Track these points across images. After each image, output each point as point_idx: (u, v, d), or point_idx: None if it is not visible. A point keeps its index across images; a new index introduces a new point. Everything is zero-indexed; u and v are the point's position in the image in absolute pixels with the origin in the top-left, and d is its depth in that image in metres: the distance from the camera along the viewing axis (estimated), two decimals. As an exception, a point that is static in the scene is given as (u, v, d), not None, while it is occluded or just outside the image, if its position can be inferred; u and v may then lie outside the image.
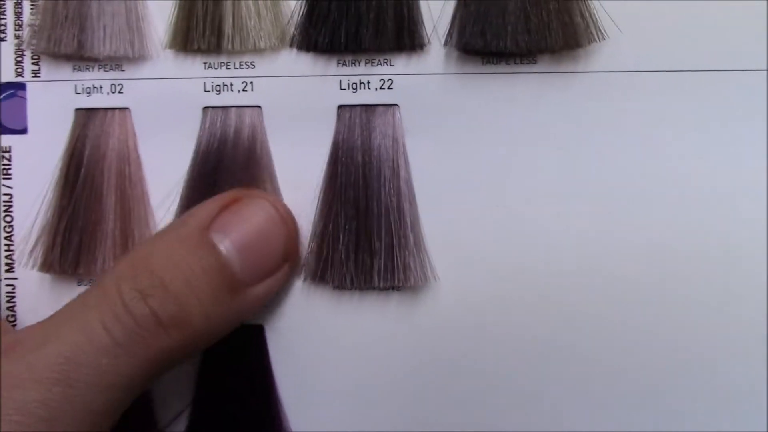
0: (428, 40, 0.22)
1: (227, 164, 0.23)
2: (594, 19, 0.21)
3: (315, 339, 0.23)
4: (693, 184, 0.22)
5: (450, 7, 0.22)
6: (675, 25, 0.22)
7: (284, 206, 0.22)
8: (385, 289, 0.23)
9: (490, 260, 0.23)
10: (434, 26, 0.22)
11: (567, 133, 0.22)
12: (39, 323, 0.19)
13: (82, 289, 0.23)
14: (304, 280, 0.23)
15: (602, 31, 0.21)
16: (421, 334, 0.23)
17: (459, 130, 0.23)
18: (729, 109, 0.22)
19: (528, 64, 0.22)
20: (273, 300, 0.23)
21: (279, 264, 0.21)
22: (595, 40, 0.21)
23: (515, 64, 0.22)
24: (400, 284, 0.22)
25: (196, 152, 0.23)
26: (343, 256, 0.22)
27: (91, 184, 0.23)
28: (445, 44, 0.22)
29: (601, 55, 0.22)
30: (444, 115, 0.22)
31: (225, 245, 0.19)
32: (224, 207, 0.20)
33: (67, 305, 0.19)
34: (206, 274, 0.19)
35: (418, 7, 0.22)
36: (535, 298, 0.23)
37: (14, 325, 0.24)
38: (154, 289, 0.18)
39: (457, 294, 0.23)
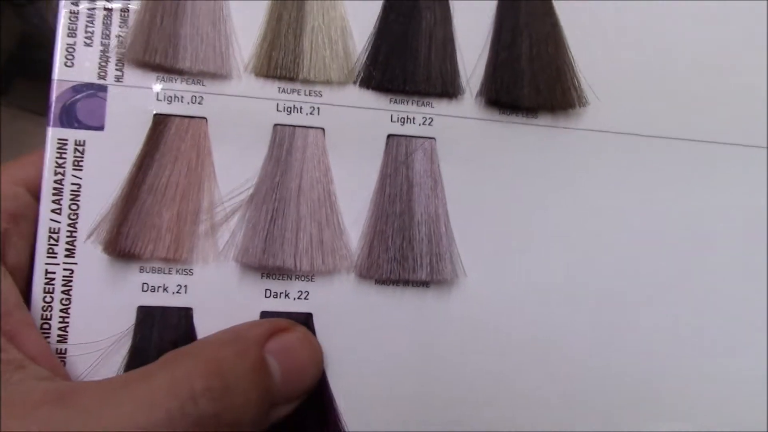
0: (463, 90, 0.28)
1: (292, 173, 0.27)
2: (581, 87, 0.29)
3: (360, 326, 0.27)
4: (672, 224, 0.29)
5: (481, 67, 0.28)
6: (647, 96, 0.29)
7: (317, 342, 0.25)
8: (422, 284, 0.27)
9: (507, 260, 0.28)
10: (467, 80, 0.28)
11: (561, 175, 0.29)
12: (97, 383, 0.20)
13: (144, 276, 0.26)
14: (355, 275, 0.27)
15: (586, 97, 0.29)
16: (452, 323, 0.28)
17: (481, 162, 0.28)
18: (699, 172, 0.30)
19: (532, 117, 0.29)
20: (323, 291, 0.27)
21: (306, 392, 0.23)
22: (583, 104, 0.29)
23: (523, 116, 0.29)
24: (437, 278, 0.27)
25: (267, 159, 0.27)
26: (390, 254, 0.27)
27: (160, 180, 0.26)
28: (477, 95, 0.28)
29: (589, 116, 0.29)
30: (471, 148, 0.28)
31: (275, 368, 0.22)
32: (276, 330, 0.23)
33: (132, 377, 0.20)
34: (261, 395, 0.21)
35: (456, 65, 0.28)
36: (543, 296, 0.28)
37: (67, 308, 0.25)
38: (222, 393, 0.19)
39: (481, 289, 0.28)
